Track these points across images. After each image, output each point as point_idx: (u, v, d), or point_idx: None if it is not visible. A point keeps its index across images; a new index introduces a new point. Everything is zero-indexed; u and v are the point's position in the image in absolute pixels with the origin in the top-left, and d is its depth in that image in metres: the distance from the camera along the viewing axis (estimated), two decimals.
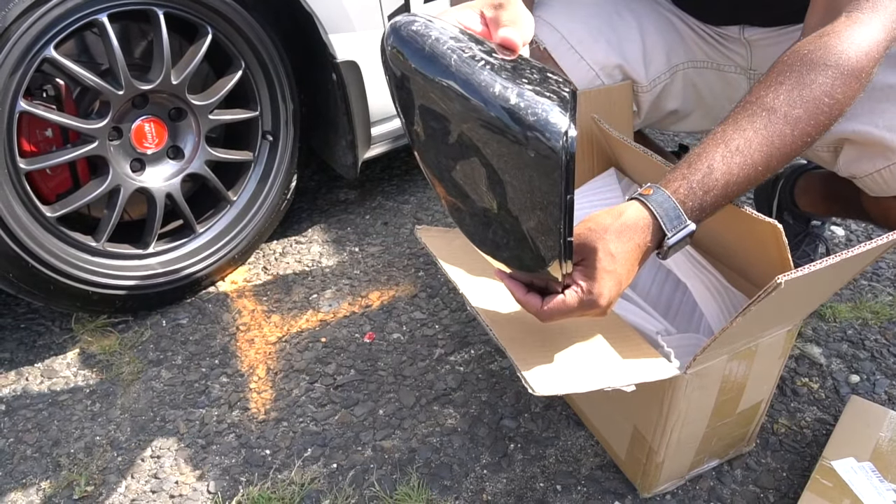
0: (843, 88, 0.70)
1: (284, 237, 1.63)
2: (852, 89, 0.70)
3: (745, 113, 0.70)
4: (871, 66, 0.71)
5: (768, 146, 0.69)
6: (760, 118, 0.69)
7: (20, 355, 1.31)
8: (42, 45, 1.10)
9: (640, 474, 0.97)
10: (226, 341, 1.32)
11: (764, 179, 0.72)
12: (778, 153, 0.69)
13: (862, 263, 0.78)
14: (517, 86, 0.61)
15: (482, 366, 1.23)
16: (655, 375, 0.78)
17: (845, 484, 0.91)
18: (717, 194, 0.69)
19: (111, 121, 1.22)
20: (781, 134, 0.69)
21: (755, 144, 0.69)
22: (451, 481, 1.02)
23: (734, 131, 0.70)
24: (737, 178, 0.69)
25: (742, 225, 0.84)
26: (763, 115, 0.69)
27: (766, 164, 0.69)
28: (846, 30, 0.71)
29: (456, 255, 0.95)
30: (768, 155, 0.69)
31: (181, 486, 1.04)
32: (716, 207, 0.70)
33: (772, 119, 0.69)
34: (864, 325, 1.29)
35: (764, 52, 1.03)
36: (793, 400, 1.14)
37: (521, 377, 0.70)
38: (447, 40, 0.64)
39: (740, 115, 0.71)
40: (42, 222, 1.20)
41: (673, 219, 0.68)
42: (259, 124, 1.44)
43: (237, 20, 1.30)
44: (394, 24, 0.66)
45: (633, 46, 1.06)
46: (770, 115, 0.69)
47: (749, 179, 0.70)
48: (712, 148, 0.69)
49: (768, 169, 0.70)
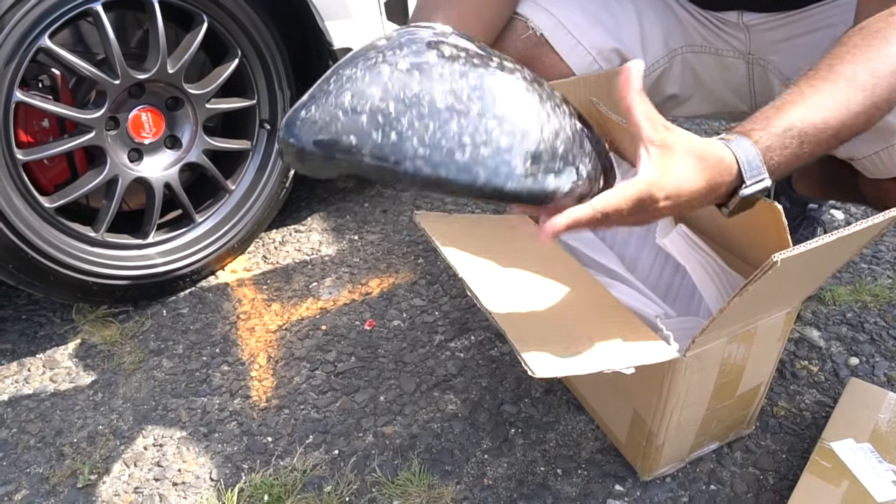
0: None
1: (284, 226, 1.62)
2: None
3: (823, 79, 0.69)
4: None
5: (845, 115, 0.68)
6: (839, 87, 0.68)
7: (22, 346, 1.31)
8: (37, 35, 1.10)
9: (640, 457, 0.97)
10: (226, 330, 1.32)
11: (831, 150, 0.70)
12: (851, 123, 0.69)
13: (859, 242, 0.78)
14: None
15: (482, 352, 1.23)
16: (655, 358, 0.78)
17: (844, 465, 0.92)
18: (793, 153, 0.67)
19: (108, 110, 1.22)
20: (859, 104, 0.68)
21: (834, 110, 0.68)
22: (452, 466, 1.03)
23: (813, 94, 0.68)
24: (812, 138, 0.67)
25: None
26: (842, 84, 0.68)
27: (838, 131, 0.68)
28: None
29: (456, 241, 0.95)
30: (842, 123, 0.68)
31: (184, 474, 1.05)
32: (788, 168, 0.68)
33: (851, 88, 0.68)
34: (864, 307, 1.29)
35: (763, 36, 1.03)
36: (792, 383, 1.14)
37: (521, 359, 0.71)
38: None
39: (817, 80, 0.69)
40: (40, 213, 1.20)
41: (754, 168, 0.65)
42: (256, 113, 1.43)
43: (233, 8, 1.29)
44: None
45: (631, 30, 1.05)
46: (849, 84, 0.68)
47: (821, 142, 0.68)
48: (791, 107, 0.68)
49: (838, 138, 0.69)
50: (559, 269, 0.96)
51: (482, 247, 0.96)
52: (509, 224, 1.08)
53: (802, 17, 0.98)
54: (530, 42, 1.03)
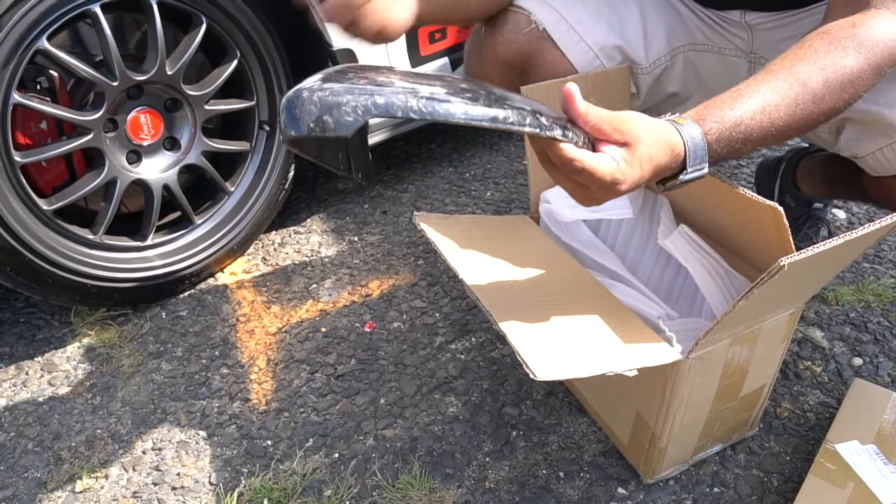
0: (868, 76, 0.74)
1: (283, 227, 1.62)
2: (875, 78, 0.75)
3: (779, 78, 0.72)
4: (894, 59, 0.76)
5: (792, 116, 0.72)
6: (793, 89, 0.72)
7: (20, 349, 1.30)
8: (35, 37, 1.09)
9: (643, 460, 0.96)
10: (226, 332, 1.32)
11: (775, 144, 0.76)
12: (798, 124, 0.73)
13: (865, 245, 0.78)
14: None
15: (483, 353, 1.22)
16: (657, 360, 0.77)
17: (849, 467, 0.91)
18: (736, 147, 0.71)
19: (106, 112, 1.21)
20: (808, 107, 0.72)
21: (783, 111, 0.71)
22: (453, 469, 1.02)
23: (768, 92, 0.71)
24: (756, 136, 0.71)
25: (743, 208, 0.83)
26: (796, 87, 0.72)
27: (785, 130, 0.73)
28: (877, 23, 0.74)
29: (456, 242, 0.95)
30: (790, 124, 0.72)
31: (183, 478, 1.04)
32: (727, 157, 0.72)
33: (803, 92, 0.72)
34: (867, 307, 1.29)
35: (765, 35, 1.02)
36: (796, 383, 1.14)
37: (523, 362, 0.70)
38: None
39: (775, 78, 0.72)
40: (38, 215, 1.19)
41: (698, 157, 0.69)
42: (256, 114, 1.42)
43: (231, 9, 1.28)
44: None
45: (634, 28, 1.05)
46: (802, 88, 0.72)
47: (765, 140, 0.72)
48: (744, 101, 0.71)
49: (783, 136, 0.73)
50: (560, 270, 0.95)
51: (483, 248, 0.95)
52: (510, 225, 1.07)
53: (805, 16, 0.98)
54: (532, 36, 1.02)
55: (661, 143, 0.67)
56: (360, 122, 0.55)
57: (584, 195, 0.68)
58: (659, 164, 0.67)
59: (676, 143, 0.68)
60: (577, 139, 0.63)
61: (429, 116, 0.56)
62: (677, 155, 0.68)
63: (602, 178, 0.64)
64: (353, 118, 0.55)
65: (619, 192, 0.66)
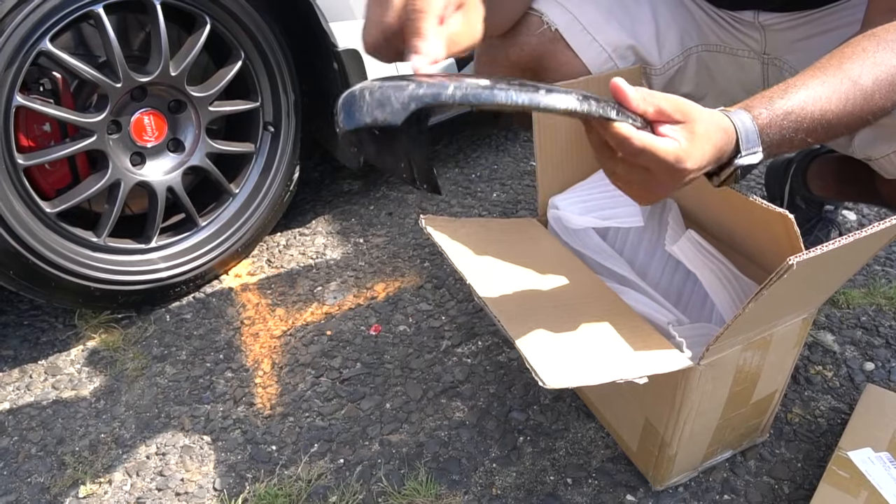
0: None
1: (288, 229, 1.61)
2: None
3: (829, 73, 0.72)
4: None
5: (842, 110, 0.72)
6: (843, 84, 0.72)
7: (24, 352, 1.30)
8: (38, 38, 1.08)
9: (652, 467, 0.95)
10: (230, 336, 1.31)
11: (819, 142, 0.75)
12: (847, 119, 0.73)
13: (875, 245, 0.76)
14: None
15: (490, 357, 1.21)
16: (668, 367, 0.76)
17: (862, 474, 0.90)
18: (787, 136, 0.70)
19: (109, 114, 1.20)
20: (858, 103, 0.72)
21: (833, 104, 0.71)
22: (459, 475, 1.01)
23: (818, 85, 0.71)
24: (807, 126, 0.71)
25: (753, 215, 0.82)
26: (847, 82, 0.72)
27: (835, 125, 0.72)
28: None
29: (462, 245, 0.93)
30: (839, 117, 0.72)
31: (187, 484, 1.03)
32: (778, 150, 0.72)
33: (853, 87, 0.72)
34: (879, 311, 1.27)
35: (778, 36, 1.01)
36: (806, 388, 1.12)
37: (531, 369, 0.69)
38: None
39: (824, 73, 0.72)
40: (42, 218, 1.18)
41: (750, 140, 0.68)
42: (260, 115, 1.41)
43: (235, 9, 1.27)
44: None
45: (646, 28, 1.04)
46: (853, 84, 0.72)
47: (815, 133, 0.72)
48: (794, 92, 0.71)
49: (830, 132, 0.73)
50: (569, 274, 0.94)
51: (490, 252, 0.94)
52: (518, 228, 1.06)
53: (818, 17, 0.97)
54: (545, 38, 1.01)
55: (716, 125, 0.66)
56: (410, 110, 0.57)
57: (647, 186, 0.66)
58: (716, 145, 0.66)
59: (727, 126, 0.67)
60: (635, 122, 0.62)
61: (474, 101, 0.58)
62: (730, 137, 0.67)
63: (665, 157, 0.62)
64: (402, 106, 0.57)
65: (684, 172, 0.64)
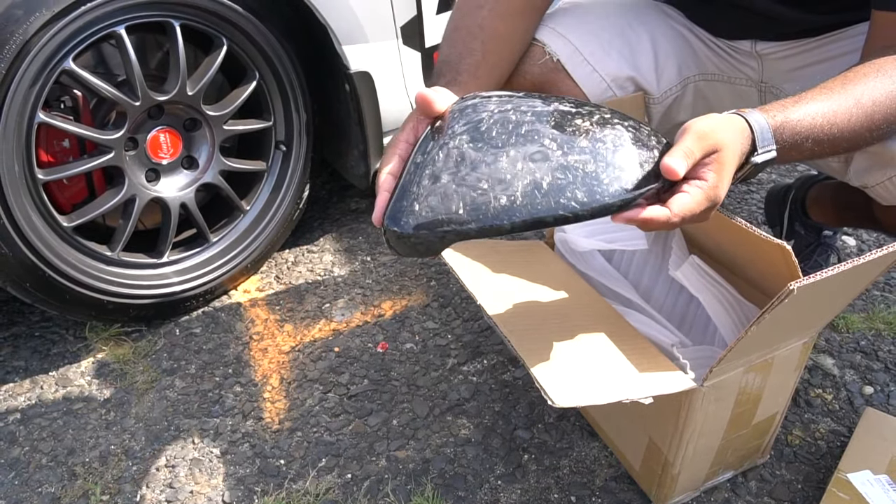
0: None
1: (296, 246, 1.63)
2: None
3: (834, 92, 0.76)
4: None
5: (846, 127, 0.76)
6: (847, 101, 0.76)
7: (35, 364, 1.32)
8: (61, 57, 1.11)
9: (655, 486, 0.97)
10: (239, 350, 1.33)
11: (821, 156, 0.78)
12: (847, 136, 0.76)
13: (874, 271, 0.79)
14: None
15: (495, 376, 1.23)
16: (673, 387, 0.78)
17: (862, 497, 0.91)
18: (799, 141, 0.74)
19: (127, 131, 1.23)
20: (858, 123, 0.76)
21: (840, 118, 0.75)
22: (465, 492, 1.02)
23: (826, 100, 0.75)
24: (818, 136, 0.74)
25: (751, 245, 0.84)
26: (851, 100, 0.76)
27: (836, 140, 0.76)
28: None
29: (473, 266, 0.96)
30: (842, 133, 0.76)
31: (196, 496, 1.04)
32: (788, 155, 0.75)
33: (856, 107, 0.76)
34: (878, 335, 1.29)
35: (775, 65, 1.04)
36: (806, 411, 1.14)
37: (541, 388, 0.71)
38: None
39: (830, 92, 0.76)
40: (58, 232, 1.21)
41: (766, 139, 0.71)
42: (272, 134, 1.44)
43: (251, 31, 1.31)
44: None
45: (646, 59, 1.06)
46: (856, 103, 0.76)
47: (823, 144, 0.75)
48: (805, 102, 0.75)
49: (834, 146, 0.77)
50: (577, 296, 0.96)
51: (500, 273, 0.96)
52: (527, 251, 1.08)
53: (814, 46, 1.00)
54: (546, 67, 1.04)
55: (738, 132, 0.70)
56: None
57: (697, 220, 0.70)
58: (740, 152, 0.70)
59: (744, 127, 0.71)
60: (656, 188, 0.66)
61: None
62: (748, 139, 0.71)
63: (700, 206, 0.67)
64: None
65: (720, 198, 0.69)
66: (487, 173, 0.62)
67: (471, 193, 0.62)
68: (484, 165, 0.63)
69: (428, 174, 0.64)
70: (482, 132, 0.65)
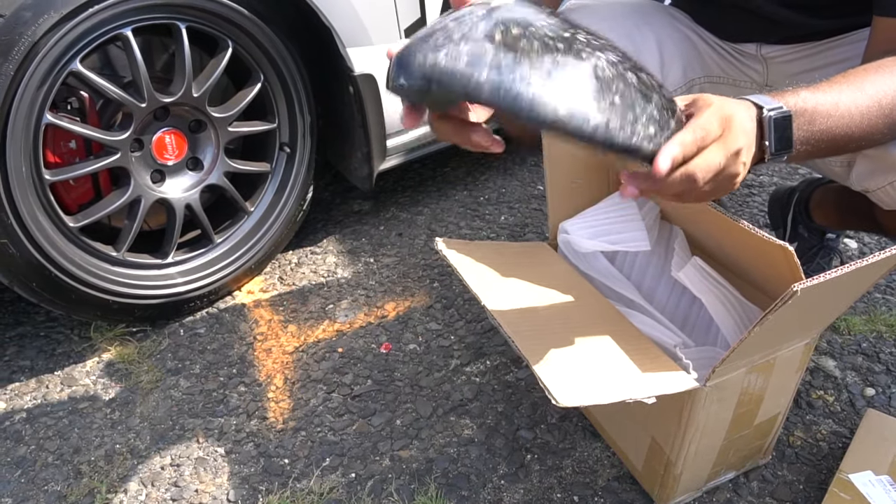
0: None
1: (300, 248, 1.64)
2: None
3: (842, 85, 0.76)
4: None
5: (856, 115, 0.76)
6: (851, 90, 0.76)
7: (40, 363, 1.32)
8: (69, 59, 1.12)
9: (657, 486, 0.97)
10: (243, 351, 1.33)
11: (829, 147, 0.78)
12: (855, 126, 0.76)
13: (876, 273, 0.79)
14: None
15: (498, 376, 1.23)
16: (675, 387, 0.79)
17: (863, 497, 0.92)
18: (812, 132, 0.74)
19: (133, 132, 1.24)
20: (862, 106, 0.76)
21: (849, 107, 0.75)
22: (468, 492, 1.03)
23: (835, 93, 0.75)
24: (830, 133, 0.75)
25: (754, 247, 0.85)
26: (857, 92, 0.76)
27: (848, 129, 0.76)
28: None
29: (477, 267, 0.96)
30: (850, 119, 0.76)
31: (201, 495, 1.05)
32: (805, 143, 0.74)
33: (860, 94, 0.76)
34: (879, 337, 1.30)
35: (780, 68, 1.04)
36: (808, 412, 1.14)
37: (545, 388, 0.71)
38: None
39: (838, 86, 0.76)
40: (65, 232, 1.22)
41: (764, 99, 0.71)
42: (277, 136, 1.45)
43: (257, 34, 1.32)
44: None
45: (651, 60, 1.07)
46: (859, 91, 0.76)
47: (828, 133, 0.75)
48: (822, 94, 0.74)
49: (849, 144, 0.77)
50: (580, 298, 0.97)
51: (504, 275, 0.97)
52: (531, 252, 1.09)
53: (819, 50, 1.00)
54: None
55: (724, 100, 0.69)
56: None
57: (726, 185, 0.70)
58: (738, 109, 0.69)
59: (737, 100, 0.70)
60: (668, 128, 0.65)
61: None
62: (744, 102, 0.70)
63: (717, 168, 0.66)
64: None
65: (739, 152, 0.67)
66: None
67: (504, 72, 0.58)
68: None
69: (463, 34, 0.59)
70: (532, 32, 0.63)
